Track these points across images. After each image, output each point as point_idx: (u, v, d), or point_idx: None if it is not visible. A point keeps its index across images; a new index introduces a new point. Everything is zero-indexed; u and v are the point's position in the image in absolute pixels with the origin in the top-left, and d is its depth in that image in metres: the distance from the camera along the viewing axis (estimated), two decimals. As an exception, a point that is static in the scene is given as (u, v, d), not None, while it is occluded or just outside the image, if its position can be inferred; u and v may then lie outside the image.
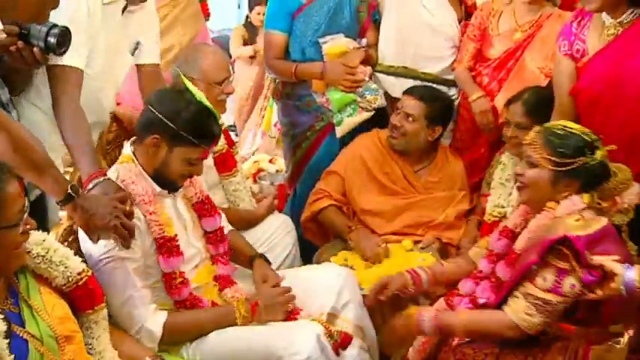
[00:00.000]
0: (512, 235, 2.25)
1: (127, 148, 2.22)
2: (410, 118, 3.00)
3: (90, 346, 1.82)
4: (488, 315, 2.06)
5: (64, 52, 2.04)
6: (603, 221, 1.98)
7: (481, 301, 2.19)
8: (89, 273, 1.82)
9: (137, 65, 2.68)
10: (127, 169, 2.16)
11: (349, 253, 2.92)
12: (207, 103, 2.17)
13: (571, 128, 2.08)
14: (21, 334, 1.62)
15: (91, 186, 2.04)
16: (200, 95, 2.17)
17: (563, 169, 2.03)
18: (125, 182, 2.12)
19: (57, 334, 1.67)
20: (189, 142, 2.11)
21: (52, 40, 1.97)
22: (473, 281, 2.29)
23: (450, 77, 3.35)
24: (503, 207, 2.85)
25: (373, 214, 3.05)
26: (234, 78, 2.85)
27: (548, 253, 1.94)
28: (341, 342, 2.23)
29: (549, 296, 1.93)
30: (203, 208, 2.35)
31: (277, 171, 4.35)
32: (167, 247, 2.13)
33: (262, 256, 2.53)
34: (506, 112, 2.83)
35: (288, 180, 3.70)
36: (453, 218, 3.04)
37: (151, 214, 2.12)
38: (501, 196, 2.87)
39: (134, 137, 2.25)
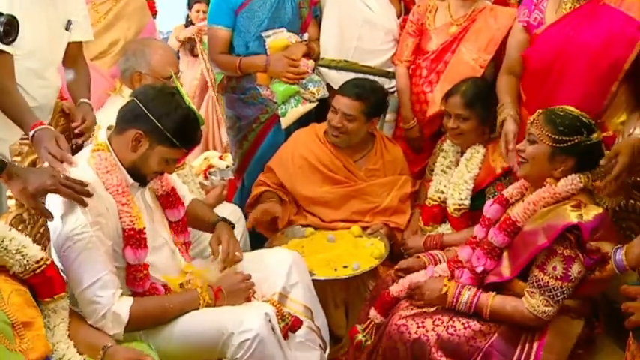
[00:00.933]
0: (505, 204, 2.38)
1: (103, 136, 2.21)
2: (349, 118, 3.05)
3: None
4: (513, 308, 2.18)
5: (12, 41, 2.09)
6: (600, 209, 2.13)
7: (479, 269, 2.30)
8: (48, 262, 1.82)
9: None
10: (103, 157, 2.15)
11: (299, 241, 3.00)
12: (194, 108, 2.19)
13: (571, 111, 2.23)
14: (-25, 321, 1.61)
15: (32, 133, 2.10)
16: (189, 100, 2.19)
17: (561, 145, 2.17)
18: (100, 171, 2.13)
19: (13, 321, 1.67)
20: (172, 143, 2.13)
21: None
22: (470, 247, 2.41)
23: (391, 69, 3.46)
24: (442, 192, 2.95)
25: (319, 203, 3.12)
26: (181, 74, 2.87)
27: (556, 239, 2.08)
28: (291, 325, 2.31)
29: (559, 283, 2.09)
30: (168, 200, 2.37)
31: (227, 167, 4.37)
32: (136, 239, 2.14)
33: (225, 220, 2.55)
34: (445, 105, 2.93)
35: (235, 172, 3.75)
36: (397, 202, 3.13)
37: (123, 205, 2.13)
38: (442, 183, 2.96)
39: (110, 125, 2.23)
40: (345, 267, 2.79)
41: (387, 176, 3.21)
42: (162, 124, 2.11)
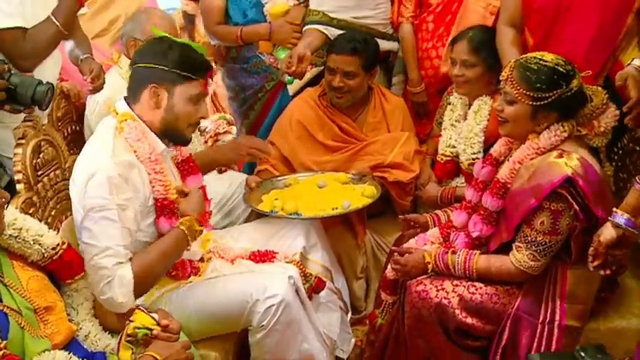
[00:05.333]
0: (495, 163, 2.32)
1: (123, 106, 2.14)
2: (350, 75, 2.99)
3: (69, 317, 1.82)
4: (498, 269, 2.17)
5: (48, 106, 2.26)
6: (579, 153, 2.06)
7: (474, 234, 2.27)
8: (64, 246, 1.82)
9: None
10: (132, 126, 2.08)
11: (279, 191, 2.84)
12: (187, 40, 2.17)
13: (545, 61, 2.10)
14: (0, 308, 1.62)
15: None
16: (177, 38, 2.16)
17: (541, 103, 2.09)
18: (131, 139, 2.07)
19: (34, 306, 1.68)
20: (184, 77, 2.08)
21: (39, 96, 2.18)
22: (465, 212, 2.37)
23: (386, 30, 3.35)
24: (454, 147, 2.90)
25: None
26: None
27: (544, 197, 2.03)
28: (315, 286, 2.33)
29: (547, 238, 2.07)
30: (187, 166, 2.33)
31: (234, 139, 4.33)
32: (169, 209, 2.11)
33: None
34: (451, 52, 2.85)
35: (243, 142, 3.70)
36: (402, 159, 3.01)
37: (156, 173, 2.09)
38: (452, 137, 2.91)
39: (126, 96, 2.17)
40: (335, 209, 2.65)
41: (390, 128, 3.12)
42: (166, 64, 2.07)
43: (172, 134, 2.16)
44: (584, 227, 2.06)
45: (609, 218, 1.93)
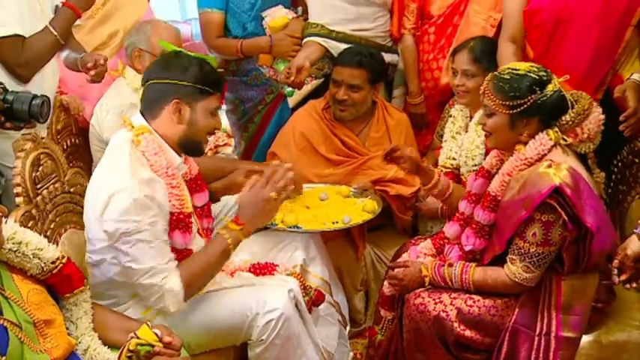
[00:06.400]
0: (488, 176, 2.32)
1: (139, 119, 2.14)
2: (355, 88, 2.99)
3: (68, 331, 1.81)
4: (494, 280, 2.18)
5: (46, 119, 2.30)
6: (568, 162, 2.06)
7: (467, 248, 2.28)
8: (64, 260, 1.81)
9: None
10: (149, 139, 2.08)
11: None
12: (200, 54, 2.19)
13: (517, 70, 2.13)
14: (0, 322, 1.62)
15: None
16: (191, 52, 2.19)
17: (517, 110, 2.09)
18: (148, 153, 2.06)
19: (34, 320, 1.68)
20: (206, 92, 2.10)
21: (35, 110, 2.24)
22: (458, 224, 2.37)
23: (385, 42, 3.36)
24: (454, 159, 2.91)
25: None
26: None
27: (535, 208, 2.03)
28: (315, 299, 2.33)
29: (541, 249, 2.07)
30: (196, 184, 2.30)
31: (233, 151, 4.34)
32: (184, 223, 2.10)
33: None
34: (452, 62, 2.86)
35: (242, 155, 3.69)
36: (403, 174, 2.96)
37: (173, 187, 2.08)
38: (452, 149, 2.92)
39: (141, 111, 2.16)
40: (335, 223, 2.65)
41: (393, 143, 3.03)
42: (188, 80, 2.08)
43: (190, 146, 2.17)
44: (574, 237, 2.06)
45: (634, 231, 1.93)
